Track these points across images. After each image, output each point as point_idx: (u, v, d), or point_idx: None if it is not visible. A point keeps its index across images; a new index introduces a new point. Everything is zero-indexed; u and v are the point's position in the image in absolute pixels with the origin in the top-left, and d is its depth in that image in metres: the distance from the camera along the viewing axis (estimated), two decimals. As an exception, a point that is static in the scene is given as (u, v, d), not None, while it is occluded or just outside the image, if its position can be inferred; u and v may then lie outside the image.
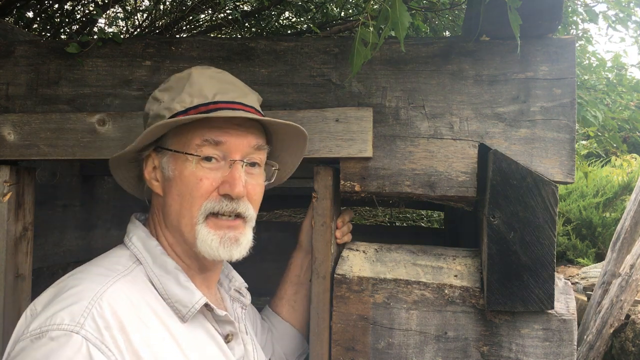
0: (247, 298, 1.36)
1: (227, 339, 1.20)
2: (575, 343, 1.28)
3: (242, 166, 1.12)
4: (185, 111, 1.11)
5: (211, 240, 1.10)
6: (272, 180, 1.27)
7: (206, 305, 1.14)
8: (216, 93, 1.13)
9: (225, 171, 1.11)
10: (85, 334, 0.94)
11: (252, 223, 1.18)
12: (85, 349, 0.93)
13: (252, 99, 1.20)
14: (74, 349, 0.92)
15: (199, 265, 1.19)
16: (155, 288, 1.12)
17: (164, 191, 1.16)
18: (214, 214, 1.11)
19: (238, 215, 1.13)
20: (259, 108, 1.21)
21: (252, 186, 1.15)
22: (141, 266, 1.13)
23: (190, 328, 1.12)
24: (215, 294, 1.28)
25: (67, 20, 3.93)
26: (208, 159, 1.11)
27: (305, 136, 1.24)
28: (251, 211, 1.15)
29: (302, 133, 1.22)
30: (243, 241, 1.14)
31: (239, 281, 1.38)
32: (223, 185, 1.11)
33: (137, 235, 1.17)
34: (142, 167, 1.21)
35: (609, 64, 3.96)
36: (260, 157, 1.19)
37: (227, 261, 1.16)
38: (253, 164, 1.17)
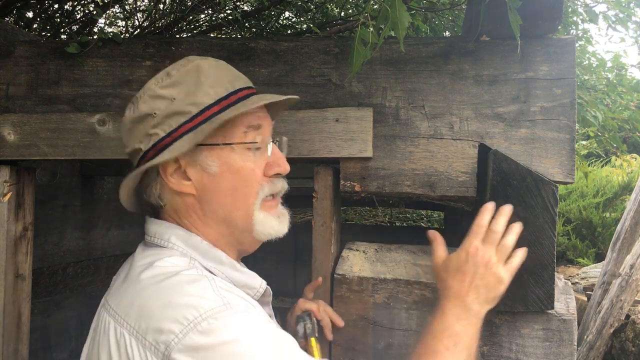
0: (269, 296, 1.31)
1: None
2: (575, 343, 1.28)
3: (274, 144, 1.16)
4: (218, 102, 1.07)
5: (271, 221, 1.12)
6: (284, 152, 1.26)
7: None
8: (232, 80, 1.11)
9: (265, 154, 1.12)
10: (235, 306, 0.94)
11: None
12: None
13: (249, 81, 1.20)
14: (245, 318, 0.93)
15: (236, 255, 1.18)
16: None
17: (205, 188, 1.09)
18: (265, 198, 1.13)
19: (276, 194, 1.16)
20: None
21: None
22: (196, 261, 1.09)
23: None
24: None
25: (67, 20, 3.93)
26: (256, 146, 1.10)
27: (295, 101, 1.21)
28: None
29: (293, 100, 1.21)
30: (287, 214, 1.18)
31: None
32: (271, 167, 1.12)
33: (176, 234, 1.10)
34: (142, 176, 1.13)
35: (609, 64, 3.96)
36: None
37: (276, 238, 1.15)
38: (274, 142, 1.19)
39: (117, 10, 4.49)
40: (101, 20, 4.52)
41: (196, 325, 0.88)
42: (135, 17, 4.34)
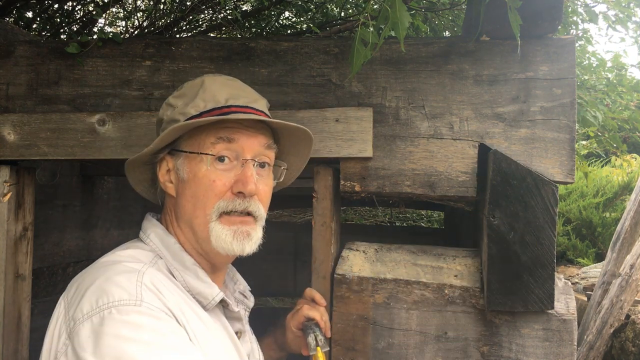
0: (251, 301, 1.38)
1: (237, 335, 1.25)
2: (575, 343, 1.28)
3: (254, 165, 1.17)
4: (200, 115, 1.15)
5: (225, 235, 1.14)
6: (281, 180, 1.31)
7: (222, 300, 1.19)
8: (228, 98, 1.18)
9: (238, 171, 1.16)
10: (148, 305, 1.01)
11: (262, 222, 1.21)
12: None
13: (262, 104, 1.25)
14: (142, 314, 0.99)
15: (209, 265, 1.23)
16: (177, 281, 1.16)
17: (178, 192, 1.20)
18: (226, 213, 1.15)
19: (249, 214, 1.17)
20: (268, 112, 1.25)
21: (262, 187, 1.19)
22: (162, 260, 1.17)
23: (211, 317, 1.18)
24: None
25: (67, 20, 3.93)
26: (221, 159, 1.15)
27: (311, 138, 1.27)
28: (262, 210, 1.19)
29: (308, 136, 1.26)
30: (254, 236, 1.18)
31: (243, 284, 1.41)
32: (236, 184, 1.15)
33: (155, 232, 1.20)
34: (155, 170, 1.25)
35: (609, 64, 3.95)
36: (270, 156, 1.23)
37: (239, 255, 1.18)
38: (263, 165, 1.21)
39: (117, 10, 4.49)
40: (101, 20, 4.52)
41: (102, 310, 0.97)
42: (135, 17, 4.34)
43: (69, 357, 0.96)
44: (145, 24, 4.18)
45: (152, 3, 4.21)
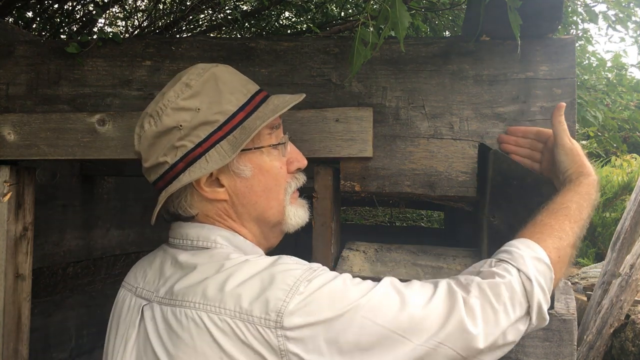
0: None
1: None
2: (575, 343, 1.28)
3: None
4: (242, 108, 1.10)
5: (301, 213, 1.20)
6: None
7: None
8: (244, 85, 1.15)
9: (283, 151, 1.18)
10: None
11: None
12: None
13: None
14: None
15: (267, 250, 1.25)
16: None
17: (238, 192, 1.12)
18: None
19: None
20: None
21: None
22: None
23: None
24: None
25: (67, 20, 3.93)
26: (282, 146, 1.16)
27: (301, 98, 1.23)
28: None
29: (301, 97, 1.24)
30: (306, 203, 1.24)
31: None
32: (292, 163, 1.18)
33: (221, 235, 1.12)
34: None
35: (609, 64, 3.96)
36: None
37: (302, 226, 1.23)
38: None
39: (117, 10, 4.49)
40: (101, 20, 4.52)
41: (298, 287, 0.94)
42: (135, 17, 4.34)
43: (305, 342, 0.91)
44: (145, 24, 4.19)
45: (152, 3, 4.21)
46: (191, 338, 0.96)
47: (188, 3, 3.66)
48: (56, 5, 3.73)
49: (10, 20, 3.33)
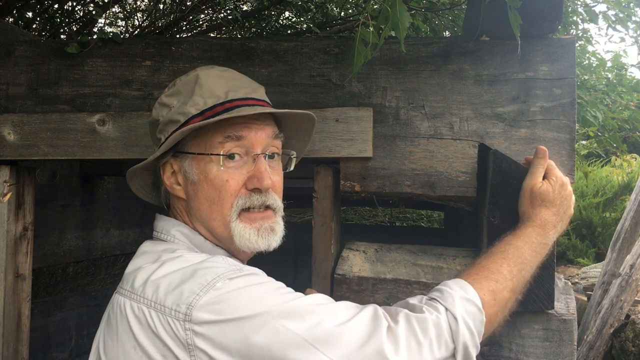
0: None
1: None
2: (575, 343, 1.28)
3: (265, 159, 1.14)
4: (202, 113, 1.11)
5: (249, 234, 1.11)
6: (292, 169, 1.27)
7: None
8: (227, 91, 1.13)
9: (250, 166, 1.12)
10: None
11: (281, 212, 1.19)
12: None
13: (261, 92, 1.21)
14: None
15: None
16: None
17: (189, 194, 1.15)
18: (244, 210, 1.13)
19: (267, 207, 1.15)
20: (268, 100, 1.22)
21: (275, 178, 1.17)
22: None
23: None
24: None
25: (67, 20, 3.93)
26: (232, 156, 1.11)
27: (314, 120, 1.24)
28: (279, 201, 1.17)
29: (311, 118, 1.23)
30: (278, 230, 1.16)
31: None
32: (250, 181, 1.12)
33: (181, 231, 1.15)
34: (158, 174, 1.20)
35: (609, 64, 3.96)
36: (278, 145, 1.20)
37: (264, 251, 1.16)
38: (272, 156, 1.18)
39: (117, 10, 4.49)
40: (101, 20, 4.52)
41: (215, 283, 0.94)
42: (135, 17, 4.34)
43: (204, 335, 0.90)
44: (145, 24, 4.19)
45: (152, 3, 4.21)
46: (116, 324, 1.00)
47: (188, 3, 3.66)
48: (56, 5, 3.73)
49: (10, 20, 3.33)
